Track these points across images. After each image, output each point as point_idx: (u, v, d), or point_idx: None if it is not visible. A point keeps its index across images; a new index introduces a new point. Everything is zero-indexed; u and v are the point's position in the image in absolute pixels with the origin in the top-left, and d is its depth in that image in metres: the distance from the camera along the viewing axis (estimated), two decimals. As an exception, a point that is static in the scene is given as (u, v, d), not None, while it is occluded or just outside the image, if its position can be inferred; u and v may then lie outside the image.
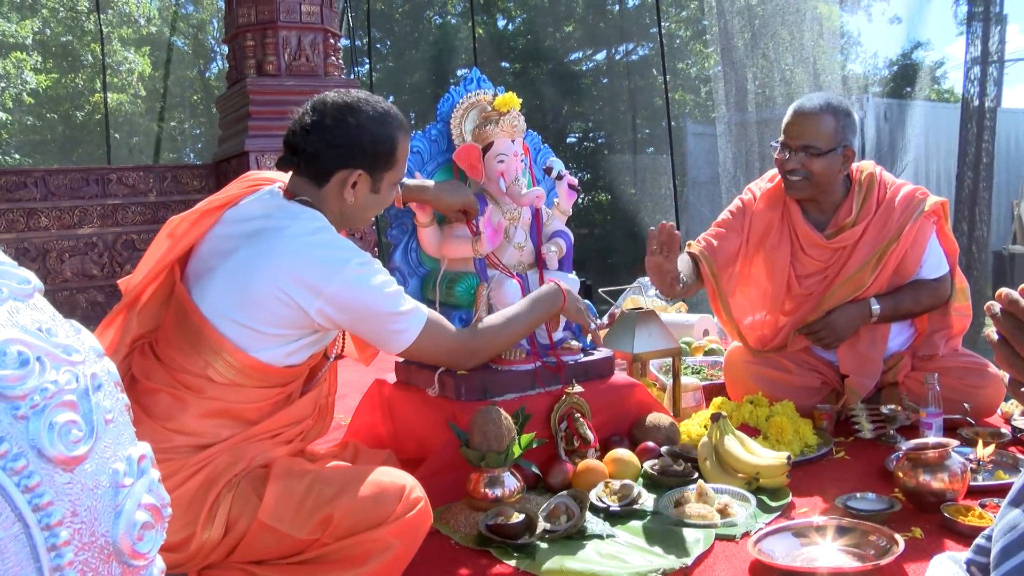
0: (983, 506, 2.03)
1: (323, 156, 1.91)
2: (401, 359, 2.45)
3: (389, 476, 1.79)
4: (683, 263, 2.83)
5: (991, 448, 2.36)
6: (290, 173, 1.99)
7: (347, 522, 1.69)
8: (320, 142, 1.90)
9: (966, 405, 2.71)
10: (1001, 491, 2.17)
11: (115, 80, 16.49)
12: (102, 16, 14.83)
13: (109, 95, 14.96)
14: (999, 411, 2.85)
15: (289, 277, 1.77)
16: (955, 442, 2.16)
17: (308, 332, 1.87)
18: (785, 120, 2.81)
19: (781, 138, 2.81)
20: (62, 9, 16.41)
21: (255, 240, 1.82)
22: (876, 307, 2.78)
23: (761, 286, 2.99)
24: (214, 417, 1.80)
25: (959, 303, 2.93)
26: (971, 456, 2.32)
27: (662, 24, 9.34)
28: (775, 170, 2.94)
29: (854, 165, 2.88)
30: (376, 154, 1.94)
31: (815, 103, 2.76)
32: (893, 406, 2.72)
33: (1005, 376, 1.06)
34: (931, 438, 2.39)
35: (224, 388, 1.80)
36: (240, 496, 1.73)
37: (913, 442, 2.19)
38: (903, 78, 15.72)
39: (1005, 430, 2.64)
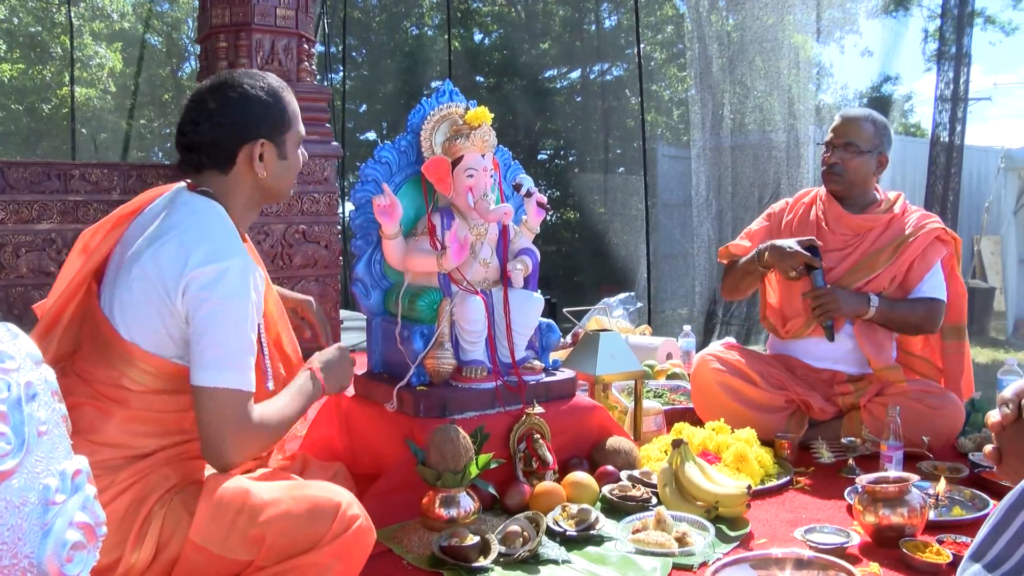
0: (940, 542, 2.02)
1: (221, 140, 1.84)
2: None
3: (324, 492, 1.71)
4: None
5: (944, 484, 2.37)
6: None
7: (281, 541, 1.62)
8: (212, 128, 1.83)
9: (925, 439, 2.72)
10: (959, 527, 2.18)
11: (84, 75, 16.25)
12: (74, 9, 14.62)
13: (78, 89, 14.73)
14: (956, 447, 2.87)
15: (172, 272, 1.69)
16: (915, 477, 2.16)
17: None
18: (833, 124, 3.14)
19: (829, 137, 3.11)
20: (32, -1, 16.16)
21: (153, 241, 1.75)
22: (875, 300, 2.91)
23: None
24: (139, 425, 1.73)
25: (951, 341, 3.09)
26: (930, 491, 2.32)
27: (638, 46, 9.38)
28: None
29: (883, 189, 3.17)
30: (271, 117, 1.88)
31: (859, 111, 3.16)
32: (853, 438, 2.72)
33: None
34: (891, 472, 2.38)
35: (144, 396, 1.73)
36: (172, 514, 1.66)
37: (873, 475, 2.19)
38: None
39: (963, 465, 2.64)
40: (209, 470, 1.78)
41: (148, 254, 1.72)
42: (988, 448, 1.27)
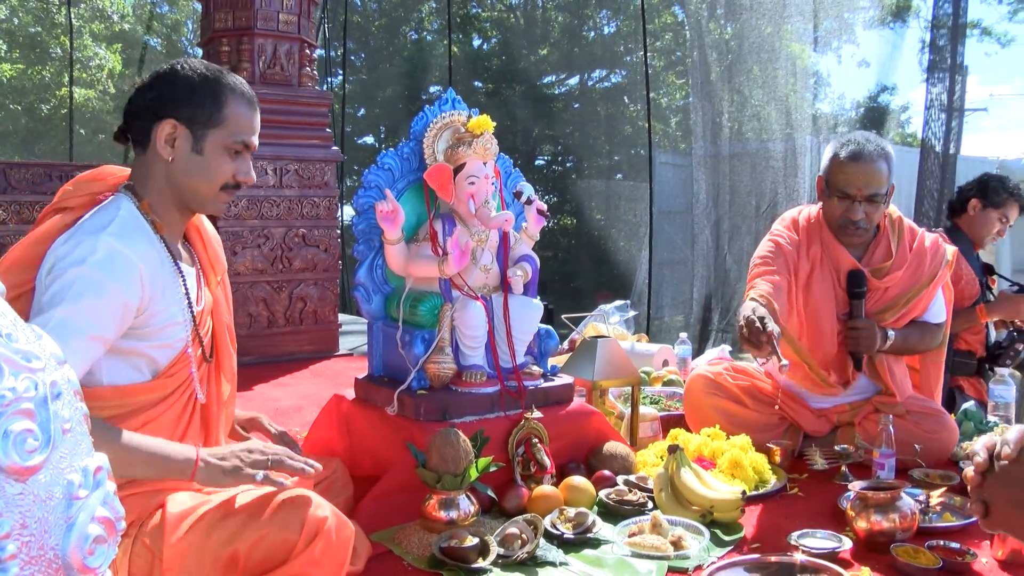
0: (931, 548, 2.06)
1: (141, 112, 1.79)
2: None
3: (287, 495, 1.65)
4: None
5: (942, 490, 2.41)
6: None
7: (256, 556, 1.59)
8: (140, 98, 1.80)
9: (916, 447, 2.76)
10: (949, 533, 2.21)
11: (83, 75, 16.25)
12: (74, 10, 14.64)
13: (76, 90, 14.74)
14: (949, 456, 2.91)
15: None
16: (907, 484, 2.20)
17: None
18: (842, 171, 2.79)
19: (845, 189, 2.78)
20: (32, -1, 16.18)
21: None
22: (891, 334, 2.84)
23: (811, 323, 2.91)
24: None
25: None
26: (921, 498, 2.36)
27: (636, 54, 9.44)
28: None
29: None
30: (195, 104, 1.77)
31: (871, 151, 2.78)
32: (846, 445, 2.76)
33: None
34: (883, 479, 2.42)
35: None
36: (139, 556, 1.62)
37: (865, 482, 2.22)
38: (869, 120, 16.01)
39: (954, 474, 2.68)
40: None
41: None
42: (972, 506, 1.25)
